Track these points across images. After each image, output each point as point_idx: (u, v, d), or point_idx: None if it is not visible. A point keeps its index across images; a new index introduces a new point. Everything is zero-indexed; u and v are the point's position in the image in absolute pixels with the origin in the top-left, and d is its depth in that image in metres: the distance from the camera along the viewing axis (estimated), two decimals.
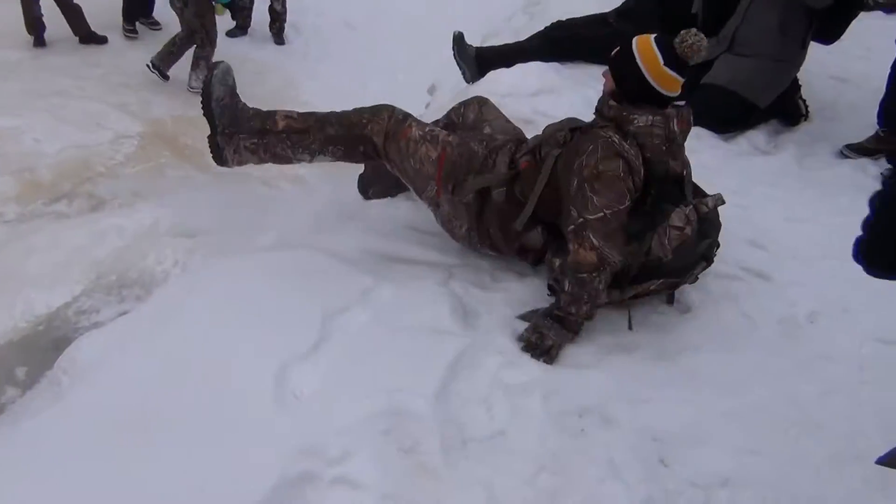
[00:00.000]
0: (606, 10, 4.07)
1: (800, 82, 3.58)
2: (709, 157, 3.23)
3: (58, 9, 5.65)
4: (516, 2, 6.30)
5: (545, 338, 2.04)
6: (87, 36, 5.77)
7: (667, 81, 2.03)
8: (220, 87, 2.24)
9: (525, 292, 2.30)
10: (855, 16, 3.35)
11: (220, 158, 2.32)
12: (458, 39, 3.75)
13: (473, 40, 5.33)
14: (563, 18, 4.08)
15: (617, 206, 1.95)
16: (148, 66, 5.29)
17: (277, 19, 6.51)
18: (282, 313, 2.04)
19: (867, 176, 3.16)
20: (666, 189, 2.06)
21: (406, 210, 2.70)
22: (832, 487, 1.75)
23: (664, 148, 2.04)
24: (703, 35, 2.00)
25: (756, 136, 3.46)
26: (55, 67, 4.90)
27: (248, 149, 2.29)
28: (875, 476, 1.74)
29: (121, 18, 6.09)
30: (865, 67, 3.98)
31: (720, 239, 2.24)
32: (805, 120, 3.60)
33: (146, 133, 4.82)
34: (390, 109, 2.34)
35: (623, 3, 4.03)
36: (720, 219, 2.23)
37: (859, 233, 1.22)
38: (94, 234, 2.96)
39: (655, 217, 2.02)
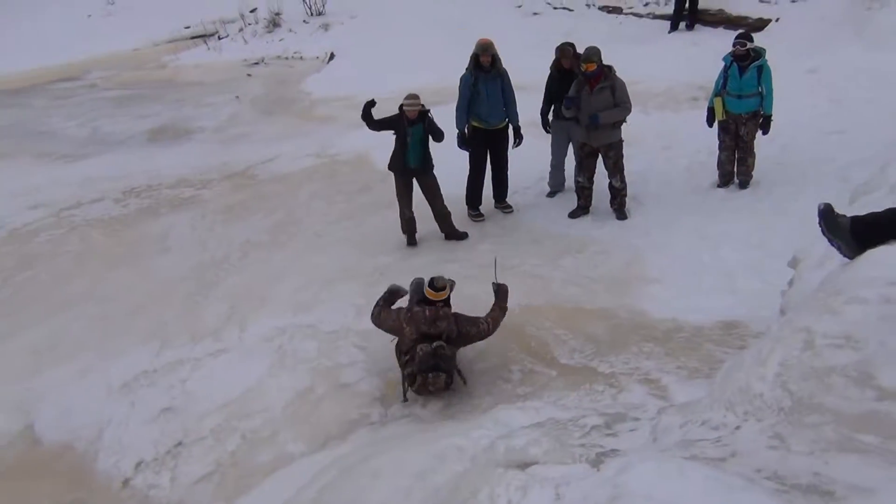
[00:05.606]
0: None
1: None
2: None
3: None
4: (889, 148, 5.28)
5: None
6: (451, 234, 6.35)
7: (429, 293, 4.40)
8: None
9: None
10: None
11: None
12: (826, 213, 2.86)
13: (843, 195, 4.40)
14: None
15: (379, 300, 4.59)
16: None
17: (617, 195, 6.42)
18: None
19: None
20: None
21: None
22: None
23: (422, 316, 4.31)
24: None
25: None
26: (416, 268, 5.39)
27: None
28: None
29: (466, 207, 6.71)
30: None
31: None
32: None
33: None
34: None
35: None
36: None
37: None
38: (435, 457, 2.91)
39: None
